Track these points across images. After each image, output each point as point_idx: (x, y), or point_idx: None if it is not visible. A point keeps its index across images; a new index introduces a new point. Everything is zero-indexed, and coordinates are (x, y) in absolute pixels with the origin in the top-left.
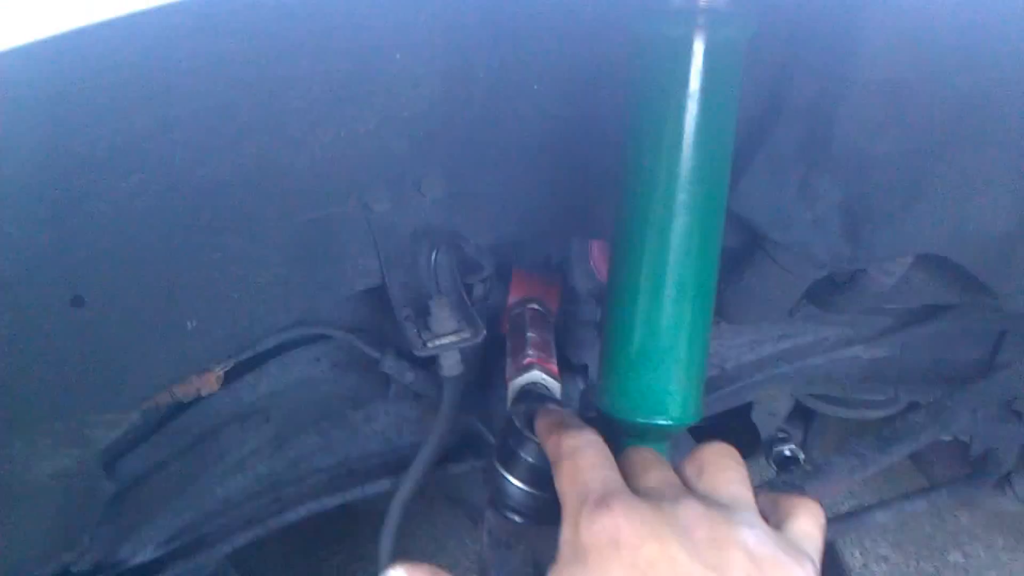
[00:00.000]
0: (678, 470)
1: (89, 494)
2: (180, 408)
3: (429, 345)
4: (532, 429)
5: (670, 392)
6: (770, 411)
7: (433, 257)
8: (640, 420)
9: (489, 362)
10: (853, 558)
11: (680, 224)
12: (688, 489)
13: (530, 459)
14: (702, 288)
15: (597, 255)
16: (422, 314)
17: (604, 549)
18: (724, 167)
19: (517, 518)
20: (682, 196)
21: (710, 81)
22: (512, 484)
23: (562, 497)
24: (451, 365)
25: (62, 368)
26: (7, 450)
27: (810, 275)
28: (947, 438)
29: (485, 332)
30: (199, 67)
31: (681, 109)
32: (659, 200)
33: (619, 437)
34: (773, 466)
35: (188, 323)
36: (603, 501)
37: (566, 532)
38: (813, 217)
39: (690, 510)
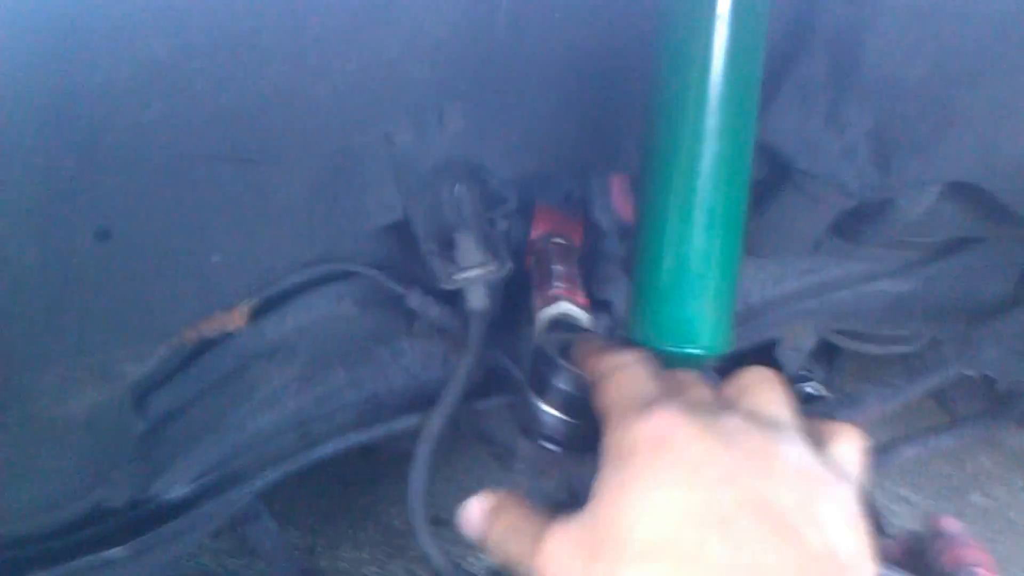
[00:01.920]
0: (719, 391)
1: (119, 429)
2: (207, 345)
3: (456, 278)
4: (564, 358)
5: (701, 320)
6: (795, 347)
7: (456, 190)
8: (671, 349)
9: (513, 297)
10: (876, 505)
11: (710, 149)
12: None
13: (564, 387)
14: (732, 215)
15: (617, 192)
16: (446, 248)
17: (651, 448)
18: (753, 93)
19: (552, 447)
20: (711, 121)
21: (738, 3)
22: (546, 412)
23: (606, 412)
24: (477, 298)
25: (90, 301)
26: (38, 384)
27: (838, 205)
28: (973, 373)
29: (512, 265)
30: None
31: (709, 32)
32: (688, 126)
33: None
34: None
35: (213, 256)
36: (649, 407)
37: (611, 439)
38: (842, 145)
39: (735, 422)
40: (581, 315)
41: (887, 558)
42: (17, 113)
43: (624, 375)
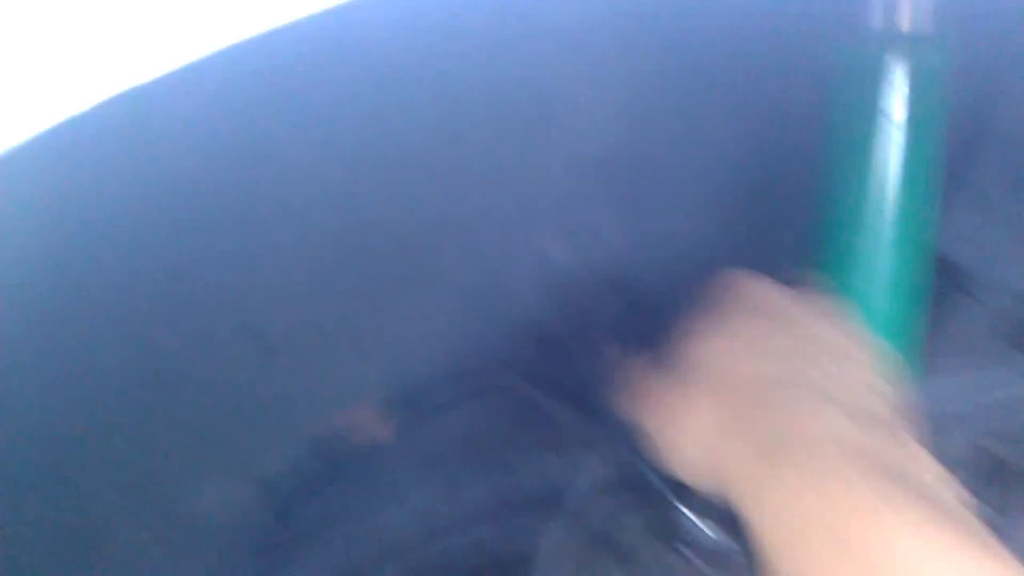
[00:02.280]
0: None
1: (255, 529)
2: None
3: None
4: None
5: None
6: None
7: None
8: None
9: None
10: None
11: (883, 259)
12: None
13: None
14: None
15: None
16: None
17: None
18: (927, 202)
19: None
20: (885, 231)
21: (913, 109)
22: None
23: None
24: None
25: (241, 404)
26: (179, 477)
27: (1018, 316)
28: None
29: None
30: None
31: (886, 140)
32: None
33: None
34: None
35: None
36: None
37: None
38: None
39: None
40: None
41: None
42: None
43: None
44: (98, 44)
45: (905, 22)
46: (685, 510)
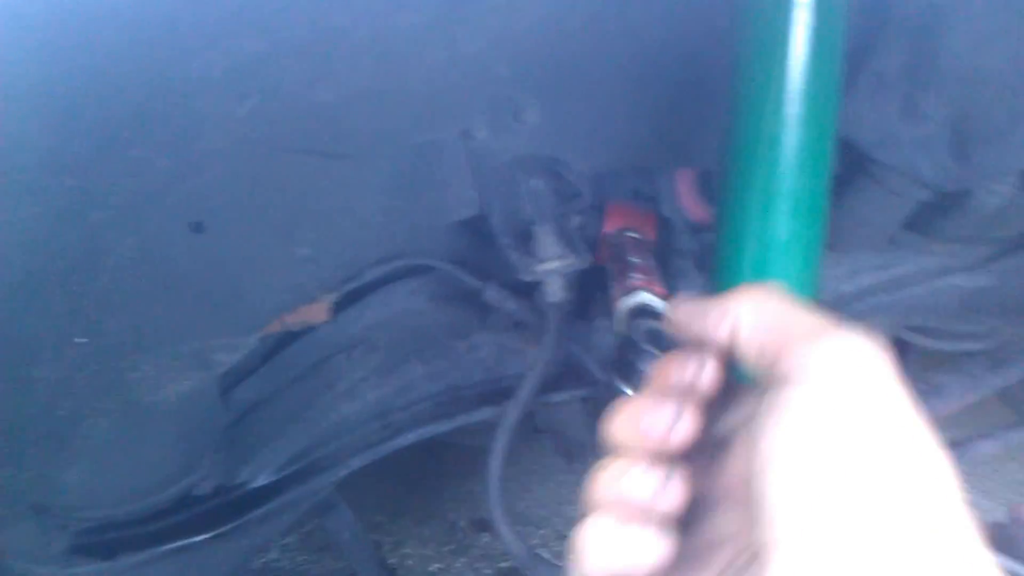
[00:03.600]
0: None
1: (208, 418)
2: (290, 338)
3: (536, 270)
4: (649, 344)
5: None
6: None
7: (532, 184)
8: None
9: (586, 293)
10: None
11: (792, 139)
12: None
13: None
14: (814, 205)
15: (684, 189)
16: (523, 241)
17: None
18: (835, 82)
19: None
20: (793, 110)
21: None
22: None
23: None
24: (555, 291)
25: (185, 292)
26: (136, 372)
27: (915, 197)
28: None
29: (591, 257)
30: None
31: (791, 22)
32: (770, 115)
33: None
34: None
35: (300, 250)
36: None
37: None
38: (919, 136)
39: None
40: (661, 305)
41: None
42: (113, 107)
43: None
44: None
45: None
46: (632, 392)
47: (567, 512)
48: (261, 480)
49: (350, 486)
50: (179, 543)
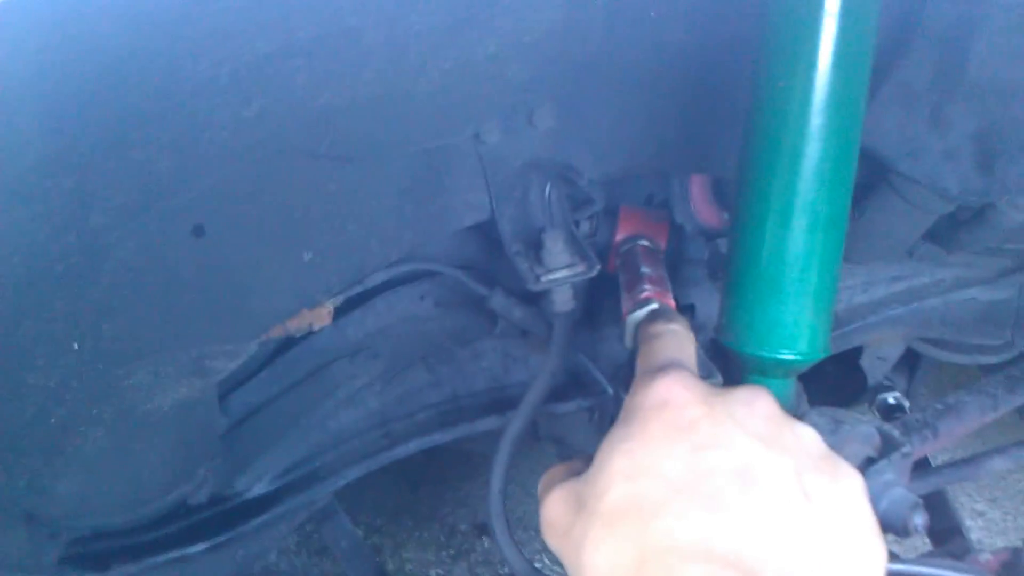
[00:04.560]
0: None
1: (206, 425)
2: (290, 343)
3: (543, 279)
4: None
5: (798, 325)
6: (880, 355)
7: (546, 190)
8: (766, 354)
9: (594, 300)
10: (961, 518)
11: (814, 150)
12: None
13: None
14: (835, 217)
15: (698, 195)
16: (533, 248)
17: (651, 409)
18: (861, 93)
19: None
20: (817, 120)
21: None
22: None
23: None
24: (563, 300)
25: (184, 297)
26: (131, 379)
27: (937, 210)
28: None
29: (599, 266)
30: None
31: (818, 29)
32: (793, 125)
33: (744, 372)
34: (877, 414)
35: (304, 255)
36: (663, 370)
37: (627, 400)
38: (944, 148)
39: (754, 404)
40: None
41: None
42: (115, 108)
43: (657, 342)
44: None
45: None
46: None
47: None
48: (258, 489)
49: (350, 488)
50: (174, 554)
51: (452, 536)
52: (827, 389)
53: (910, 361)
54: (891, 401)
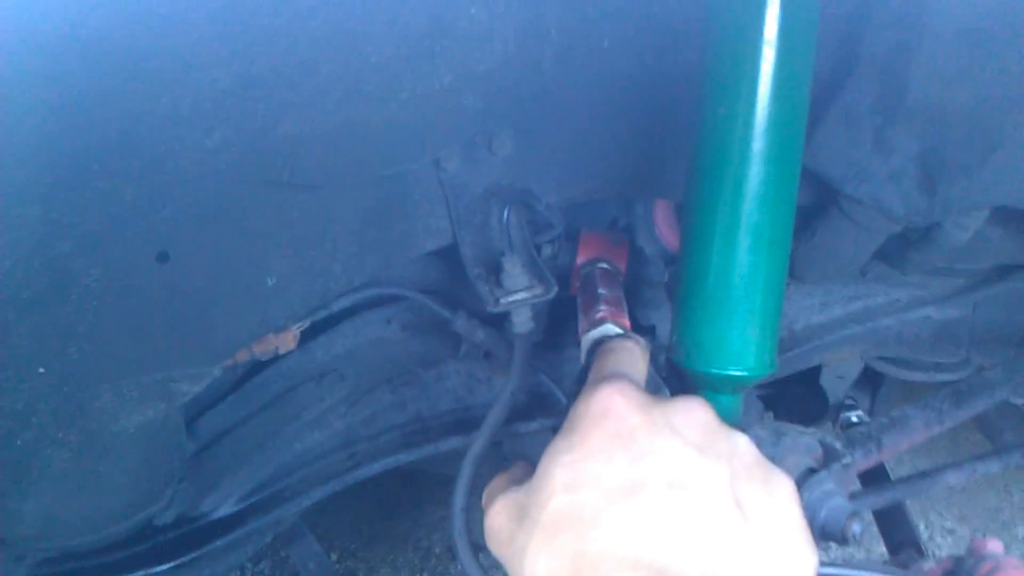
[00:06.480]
0: None
1: (172, 447)
2: (257, 367)
3: (502, 301)
4: None
5: (745, 342)
6: (839, 374)
7: (504, 215)
8: (715, 370)
9: (556, 322)
10: (918, 531)
11: (756, 173)
12: None
13: None
14: (777, 238)
15: (660, 219)
16: (493, 272)
17: (593, 418)
18: (801, 117)
19: None
20: (758, 144)
21: (787, 28)
22: None
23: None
24: (522, 322)
25: (149, 322)
26: (97, 402)
27: (884, 231)
28: (1020, 402)
29: (557, 288)
30: (279, 24)
31: (758, 56)
32: (735, 148)
33: (695, 389)
34: (840, 432)
35: (268, 280)
36: (607, 380)
37: (571, 409)
38: (888, 170)
39: (692, 413)
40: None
41: None
42: (82, 138)
43: (606, 357)
44: None
45: None
46: None
47: None
48: (224, 510)
49: (323, 512)
50: (140, 574)
51: (427, 559)
52: (792, 409)
53: (873, 380)
54: (854, 419)
